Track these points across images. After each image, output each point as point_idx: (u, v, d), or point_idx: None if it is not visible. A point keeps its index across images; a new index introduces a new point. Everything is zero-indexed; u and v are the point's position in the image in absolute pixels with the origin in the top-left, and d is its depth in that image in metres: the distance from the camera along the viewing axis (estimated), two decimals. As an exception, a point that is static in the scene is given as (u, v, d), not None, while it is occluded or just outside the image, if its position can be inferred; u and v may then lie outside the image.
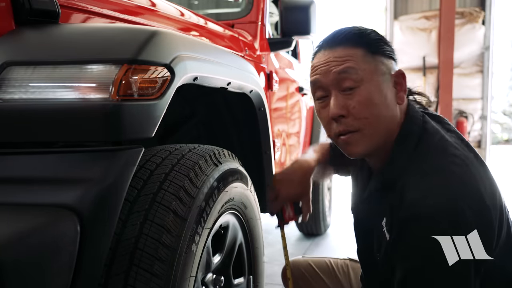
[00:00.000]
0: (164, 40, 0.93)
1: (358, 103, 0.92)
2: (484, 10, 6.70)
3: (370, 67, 0.93)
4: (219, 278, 1.15)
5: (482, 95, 6.82)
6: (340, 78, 0.93)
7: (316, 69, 0.97)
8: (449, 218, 0.81)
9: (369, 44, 0.94)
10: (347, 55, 0.93)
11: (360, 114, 0.92)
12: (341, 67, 0.93)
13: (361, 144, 0.94)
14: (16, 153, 0.82)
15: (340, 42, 0.95)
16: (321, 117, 1.00)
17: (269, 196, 1.25)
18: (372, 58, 0.94)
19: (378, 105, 0.92)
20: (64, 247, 0.73)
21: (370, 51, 0.94)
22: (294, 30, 2.04)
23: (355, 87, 0.92)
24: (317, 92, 0.99)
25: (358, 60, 0.93)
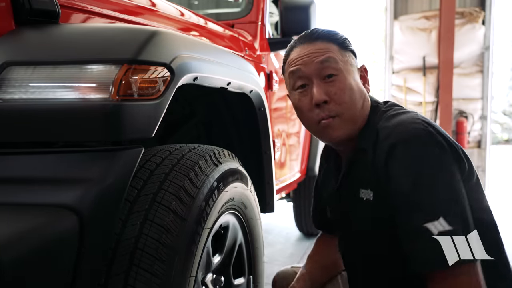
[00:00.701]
0: (164, 40, 0.93)
1: (338, 89, 1.03)
2: (484, 10, 6.70)
3: (345, 59, 1.06)
4: (219, 278, 1.16)
5: (482, 95, 6.82)
6: (322, 67, 1.03)
7: (297, 60, 1.07)
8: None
9: (340, 41, 1.08)
10: (326, 48, 1.05)
11: (341, 99, 1.02)
12: (324, 57, 1.04)
13: (341, 128, 1.04)
14: (16, 153, 0.82)
15: (317, 37, 1.07)
16: (301, 105, 1.07)
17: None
18: (345, 52, 1.07)
19: (354, 90, 1.04)
20: (64, 247, 0.73)
21: (342, 47, 1.07)
22: (294, 30, 2.04)
23: (335, 75, 1.03)
24: (298, 81, 1.07)
25: (336, 52, 1.05)
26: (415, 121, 0.95)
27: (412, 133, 0.93)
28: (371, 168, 1.00)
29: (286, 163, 2.43)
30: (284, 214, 3.88)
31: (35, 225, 0.70)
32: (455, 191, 0.90)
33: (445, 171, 0.91)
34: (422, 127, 0.93)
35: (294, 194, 3.19)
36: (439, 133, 0.94)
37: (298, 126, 2.72)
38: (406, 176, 0.91)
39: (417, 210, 0.89)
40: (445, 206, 0.88)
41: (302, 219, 3.26)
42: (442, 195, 0.88)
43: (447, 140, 0.94)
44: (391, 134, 0.96)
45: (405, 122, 0.96)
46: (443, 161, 0.91)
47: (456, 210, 0.88)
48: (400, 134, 0.94)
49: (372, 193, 1.01)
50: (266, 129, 1.56)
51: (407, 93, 7.05)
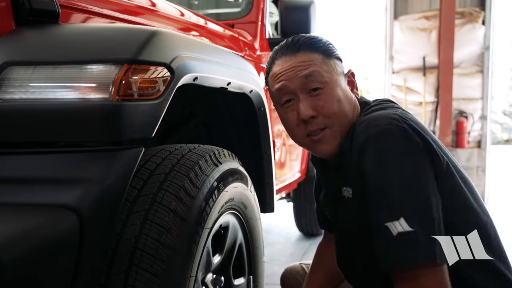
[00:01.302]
0: (164, 40, 0.93)
1: (326, 102, 1.00)
2: (484, 10, 6.70)
3: (330, 69, 1.02)
4: (219, 278, 1.15)
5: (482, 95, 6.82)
6: (307, 82, 1.00)
7: (281, 75, 1.03)
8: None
9: (324, 50, 1.03)
10: (309, 60, 1.01)
11: (329, 111, 1.00)
12: (307, 71, 1.00)
13: (331, 140, 1.02)
14: (16, 153, 0.82)
15: (299, 48, 1.03)
16: (289, 121, 1.05)
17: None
18: (329, 61, 1.03)
19: (342, 101, 1.01)
20: (64, 247, 0.73)
21: (326, 55, 1.03)
22: (294, 30, 2.04)
23: (321, 88, 1.00)
24: (284, 97, 1.04)
25: (320, 64, 1.01)
26: (391, 117, 0.92)
27: (384, 128, 0.90)
28: (349, 163, 0.98)
29: (286, 163, 2.43)
30: (284, 214, 3.88)
31: (35, 225, 0.70)
32: (422, 191, 0.87)
33: (413, 169, 0.88)
34: (396, 123, 0.90)
35: (294, 194, 3.19)
36: (414, 129, 0.91)
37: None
38: (374, 172, 0.90)
39: (381, 208, 0.88)
40: (407, 206, 0.86)
41: (302, 219, 3.26)
42: (406, 194, 0.86)
43: (422, 137, 0.91)
44: (365, 129, 0.94)
45: (380, 117, 0.94)
46: (412, 159, 0.88)
47: (419, 210, 0.86)
48: (372, 129, 0.92)
49: (351, 190, 1.00)
50: (266, 129, 1.56)
51: (407, 93, 7.05)
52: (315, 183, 1.33)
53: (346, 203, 1.03)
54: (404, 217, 0.85)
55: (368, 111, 1.02)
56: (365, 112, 1.03)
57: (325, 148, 1.02)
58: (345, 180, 1.02)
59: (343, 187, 1.03)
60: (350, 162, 0.97)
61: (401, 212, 0.85)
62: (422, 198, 0.87)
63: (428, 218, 0.86)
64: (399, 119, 0.92)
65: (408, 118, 0.94)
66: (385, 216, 0.87)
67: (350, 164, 0.97)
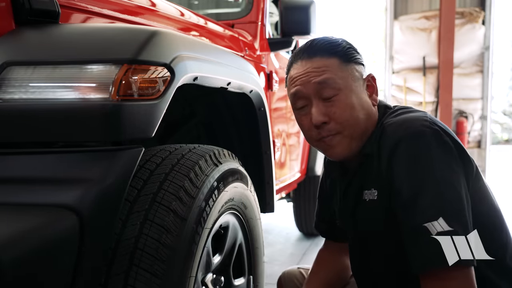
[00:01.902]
0: (164, 40, 0.93)
1: (339, 108, 0.99)
2: (484, 10, 6.70)
3: (346, 74, 1.01)
4: (219, 278, 1.15)
5: (482, 95, 6.82)
6: (320, 88, 1.00)
7: (296, 80, 1.03)
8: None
9: (342, 54, 1.02)
10: (324, 66, 1.00)
11: (342, 117, 1.00)
12: (320, 78, 1.00)
13: (342, 145, 1.02)
14: (16, 153, 0.82)
15: (316, 52, 1.02)
16: (303, 124, 1.06)
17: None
18: (346, 67, 1.01)
19: (356, 108, 1.00)
20: (64, 247, 0.73)
21: (344, 60, 1.01)
22: (294, 30, 2.04)
23: (335, 95, 0.99)
24: (298, 102, 1.05)
25: (335, 70, 1.00)
26: (422, 119, 0.94)
27: (418, 130, 0.91)
28: (376, 166, 0.98)
29: (286, 163, 2.43)
30: (284, 214, 3.88)
31: (35, 225, 0.70)
32: (457, 192, 0.89)
33: (448, 171, 0.89)
34: (429, 125, 0.92)
35: (294, 194, 3.19)
36: (446, 133, 0.93)
37: (298, 126, 2.72)
38: (409, 174, 0.90)
39: (418, 209, 0.88)
40: (445, 206, 0.87)
41: (302, 219, 3.26)
42: (443, 195, 0.88)
43: (454, 140, 0.93)
44: (396, 130, 0.94)
45: (412, 119, 0.95)
46: (447, 161, 0.90)
47: (456, 210, 0.87)
48: (405, 131, 0.92)
49: (376, 192, 1.00)
50: (266, 129, 1.56)
51: (407, 93, 7.05)
52: (321, 187, 1.31)
53: (368, 206, 1.02)
54: (443, 217, 0.86)
55: (395, 114, 1.02)
56: (390, 115, 1.03)
57: (337, 152, 1.03)
58: (368, 183, 1.02)
59: (365, 190, 1.03)
60: (378, 164, 0.98)
61: (439, 212, 0.86)
62: (458, 199, 0.88)
63: (464, 219, 0.87)
64: (431, 121, 0.93)
65: (437, 121, 0.95)
66: (423, 216, 0.87)
67: (377, 166, 0.97)
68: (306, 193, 3.12)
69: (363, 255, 1.11)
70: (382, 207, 0.99)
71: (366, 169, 1.03)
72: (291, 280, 1.37)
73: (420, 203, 0.88)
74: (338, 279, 1.27)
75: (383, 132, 0.98)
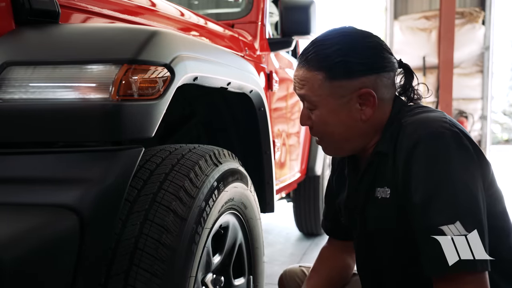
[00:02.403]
0: (164, 40, 0.93)
1: (315, 122, 1.04)
2: (484, 10, 6.70)
3: (325, 92, 0.99)
4: (219, 278, 1.15)
5: (482, 95, 6.82)
6: (302, 98, 1.05)
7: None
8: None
9: (328, 69, 0.98)
10: (305, 80, 1.01)
11: (317, 130, 1.05)
12: (300, 92, 1.03)
13: (328, 149, 1.08)
14: (16, 153, 0.82)
15: (304, 63, 1.02)
16: None
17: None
18: (330, 83, 0.98)
19: (332, 125, 1.02)
20: (64, 247, 0.73)
21: (328, 76, 0.98)
22: (294, 30, 2.04)
23: (312, 108, 1.03)
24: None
25: (314, 87, 1.00)
26: (442, 120, 0.93)
27: (437, 132, 0.90)
28: (391, 164, 0.98)
29: (286, 163, 2.43)
30: (284, 214, 3.88)
31: (36, 225, 0.70)
32: (475, 195, 0.88)
33: (467, 174, 0.88)
34: (448, 127, 0.91)
35: (294, 194, 3.19)
36: (465, 135, 0.92)
37: (298, 126, 2.72)
38: (427, 174, 0.89)
39: (435, 211, 0.87)
40: (463, 210, 0.86)
41: (302, 219, 3.25)
42: (461, 198, 0.87)
43: (473, 143, 0.92)
44: (415, 130, 0.93)
45: (431, 120, 0.94)
46: (466, 164, 0.89)
47: (473, 214, 0.86)
48: (424, 132, 0.91)
49: (389, 190, 0.99)
50: (266, 129, 1.56)
51: (407, 93, 7.02)
52: (329, 185, 1.30)
53: (379, 203, 1.02)
54: (460, 221, 0.85)
55: (412, 112, 1.00)
56: (407, 113, 1.01)
57: (328, 153, 1.09)
58: (381, 181, 1.02)
59: (377, 188, 1.02)
60: (393, 163, 0.97)
61: (457, 216, 0.85)
62: (476, 203, 0.87)
63: (481, 223, 0.86)
64: (450, 123, 0.92)
65: (456, 123, 0.95)
66: (440, 219, 0.86)
67: (392, 165, 0.97)
68: (306, 193, 3.12)
69: (369, 252, 1.10)
70: (394, 205, 0.98)
71: (379, 167, 1.02)
72: (293, 278, 1.37)
73: (437, 205, 0.87)
74: (340, 277, 1.27)
75: (400, 131, 0.97)
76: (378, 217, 1.03)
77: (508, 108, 17.00)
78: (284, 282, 1.37)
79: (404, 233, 0.96)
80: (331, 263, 1.27)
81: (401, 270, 1.03)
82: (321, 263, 1.29)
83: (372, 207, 1.05)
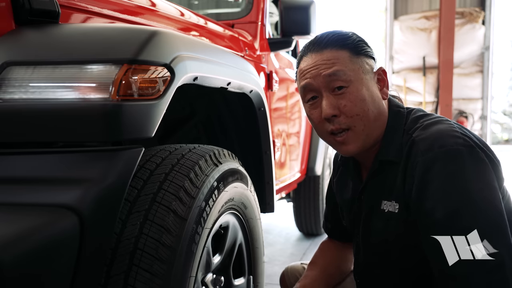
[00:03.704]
0: (164, 40, 0.93)
1: (349, 101, 0.98)
2: (484, 10, 6.70)
3: (356, 67, 0.99)
4: (219, 278, 1.15)
5: (482, 95, 6.82)
6: (330, 80, 0.98)
7: (306, 72, 1.02)
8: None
9: (352, 47, 1.01)
10: (334, 58, 0.99)
11: (352, 111, 0.98)
12: (331, 70, 0.98)
13: (354, 141, 1.00)
14: (16, 153, 0.82)
15: (326, 45, 1.01)
16: (312, 118, 1.04)
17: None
18: (356, 59, 1.00)
19: (367, 101, 0.98)
20: (64, 247, 0.73)
21: (354, 53, 1.00)
22: (294, 30, 2.04)
23: (345, 87, 0.98)
24: (308, 94, 1.03)
25: (345, 62, 0.99)
26: (455, 135, 0.91)
27: (453, 149, 0.88)
28: (401, 179, 0.96)
29: (286, 163, 2.43)
30: (284, 214, 3.88)
31: (36, 225, 0.70)
32: (498, 211, 0.86)
33: (487, 190, 0.87)
34: (463, 142, 0.89)
35: (294, 194, 3.19)
36: (479, 147, 0.91)
37: (298, 126, 2.72)
38: (445, 194, 0.87)
39: (457, 231, 0.85)
40: (488, 227, 0.84)
41: (302, 219, 3.25)
42: (485, 216, 0.85)
43: (487, 154, 0.91)
44: (430, 147, 0.91)
45: (445, 135, 0.91)
46: (484, 180, 0.88)
47: (500, 231, 0.85)
48: (440, 149, 0.89)
49: (397, 205, 0.97)
50: (266, 129, 1.56)
51: (407, 93, 7.04)
52: (330, 186, 1.30)
53: (386, 216, 1.00)
54: (487, 239, 0.83)
55: (421, 124, 0.98)
56: (416, 124, 0.99)
57: (348, 149, 1.01)
58: (388, 194, 1.00)
59: (383, 201, 1.01)
60: (403, 178, 0.95)
61: (483, 234, 0.84)
62: (500, 218, 0.86)
63: (507, 238, 0.85)
64: (464, 137, 0.91)
65: (468, 134, 0.93)
66: (466, 239, 0.84)
67: (402, 180, 0.95)
68: (306, 193, 3.12)
69: (369, 262, 1.09)
70: (402, 222, 0.97)
71: (386, 177, 1.00)
72: (294, 275, 1.37)
73: (459, 225, 0.85)
74: (339, 270, 1.27)
75: (412, 146, 0.95)
76: (383, 230, 1.02)
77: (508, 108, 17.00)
78: (286, 279, 1.38)
79: (409, 249, 0.96)
80: (330, 256, 1.28)
81: (400, 281, 1.03)
82: (320, 256, 1.29)
83: (377, 219, 1.03)
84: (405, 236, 0.97)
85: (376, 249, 1.07)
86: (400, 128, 1.01)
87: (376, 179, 1.04)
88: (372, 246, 1.08)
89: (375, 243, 1.06)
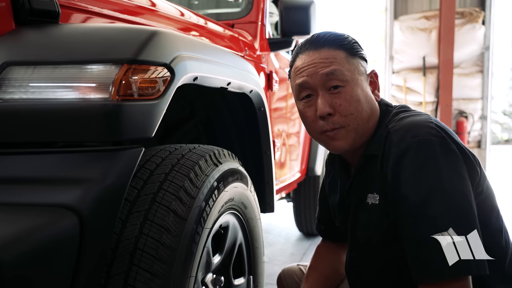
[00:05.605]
0: (164, 40, 0.93)
1: (344, 100, 0.99)
2: (484, 10, 6.70)
3: (352, 68, 1.01)
4: (219, 278, 1.15)
5: (482, 95, 6.82)
6: (327, 79, 1.00)
7: (302, 70, 1.03)
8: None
9: (348, 47, 1.03)
10: (331, 57, 1.00)
11: (347, 110, 0.99)
12: (328, 69, 0.99)
13: (344, 138, 1.01)
14: (16, 153, 0.82)
15: (323, 44, 1.02)
16: (306, 116, 1.05)
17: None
18: (352, 60, 1.02)
19: (361, 101, 1.00)
20: (64, 247, 0.73)
21: (350, 54, 1.02)
22: (294, 30, 2.04)
23: (341, 86, 0.99)
24: (303, 92, 1.04)
25: (342, 62, 1.00)
26: (428, 126, 0.92)
27: (425, 139, 0.90)
28: (379, 171, 0.98)
29: (286, 163, 2.43)
30: (284, 214, 3.88)
31: (36, 225, 0.70)
32: (466, 201, 0.87)
33: (457, 179, 0.88)
34: (435, 133, 0.91)
35: (294, 194, 3.19)
36: (452, 139, 0.92)
37: (298, 126, 2.72)
38: (417, 182, 0.89)
39: (425, 219, 0.87)
40: (456, 217, 0.86)
41: (302, 219, 3.26)
42: (452, 205, 0.86)
43: (459, 146, 0.92)
44: (403, 137, 0.93)
45: (418, 125, 0.93)
46: (454, 170, 0.89)
47: (467, 221, 0.86)
48: (410, 139, 0.91)
49: (378, 196, 0.99)
50: (266, 129, 1.56)
51: (407, 93, 7.04)
52: (322, 188, 1.31)
53: (369, 209, 1.02)
54: (452, 227, 0.85)
55: (398, 118, 1.00)
56: (393, 118, 1.02)
57: (339, 145, 1.02)
58: (371, 187, 1.01)
59: (368, 194, 1.02)
60: (381, 169, 0.97)
61: (450, 223, 0.85)
62: (468, 208, 0.87)
63: (474, 228, 0.86)
64: (437, 128, 0.92)
65: (443, 126, 0.94)
66: (432, 227, 0.86)
67: (380, 171, 0.97)
68: (306, 193, 3.12)
69: (356, 256, 1.10)
70: (382, 213, 0.98)
71: (369, 172, 1.02)
72: (291, 277, 1.37)
73: (429, 213, 0.87)
74: (336, 274, 1.28)
75: (388, 136, 0.97)
76: (368, 223, 1.03)
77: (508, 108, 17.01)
78: (283, 281, 1.38)
79: (390, 240, 0.96)
80: (327, 260, 1.28)
81: (387, 278, 1.03)
82: (317, 260, 1.30)
83: (363, 212, 1.05)
84: (386, 227, 0.97)
85: (362, 242, 1.07)
86: (384, 124, 1.03)
87: (362, 175, 1.05)
88: (358, 240, 1.09)
89: (360, 237, 1.08)
